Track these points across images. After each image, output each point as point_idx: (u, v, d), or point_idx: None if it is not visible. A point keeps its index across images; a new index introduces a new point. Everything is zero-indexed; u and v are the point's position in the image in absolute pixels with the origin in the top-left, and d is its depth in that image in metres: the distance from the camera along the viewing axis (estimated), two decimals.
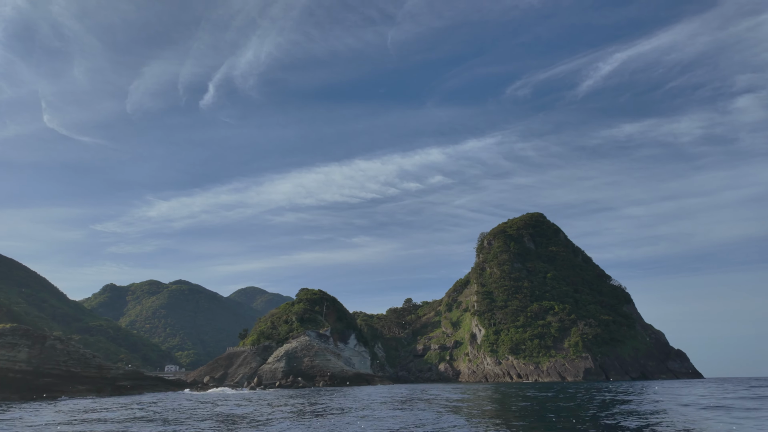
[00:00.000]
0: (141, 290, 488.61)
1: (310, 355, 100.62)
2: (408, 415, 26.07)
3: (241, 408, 33.60)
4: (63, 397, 55.18)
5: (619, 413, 29.29)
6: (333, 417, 25.48)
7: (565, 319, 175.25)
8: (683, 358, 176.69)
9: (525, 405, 36.45)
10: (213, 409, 31.97)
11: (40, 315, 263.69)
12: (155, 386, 57.45)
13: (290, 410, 31.30)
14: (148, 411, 32.90)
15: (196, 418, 27.34)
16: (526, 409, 32.09)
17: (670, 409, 31.41)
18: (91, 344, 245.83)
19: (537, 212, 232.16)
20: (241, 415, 29.27)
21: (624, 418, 26.31)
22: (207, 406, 35.25)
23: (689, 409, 32.03)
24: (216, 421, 25.77)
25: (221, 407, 34.49)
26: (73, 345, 70.36)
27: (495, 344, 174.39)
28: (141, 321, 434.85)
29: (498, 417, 25.15)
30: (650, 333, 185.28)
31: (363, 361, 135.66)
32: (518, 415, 27.08)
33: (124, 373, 66.49)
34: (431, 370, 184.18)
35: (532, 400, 36.10)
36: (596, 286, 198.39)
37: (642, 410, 30.34)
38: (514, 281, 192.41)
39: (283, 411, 31.35)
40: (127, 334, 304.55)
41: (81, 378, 57.78)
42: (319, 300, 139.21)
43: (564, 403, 36.64)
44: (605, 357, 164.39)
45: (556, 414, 28.07)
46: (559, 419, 25.41)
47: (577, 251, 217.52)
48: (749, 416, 27.88)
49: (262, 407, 33.71)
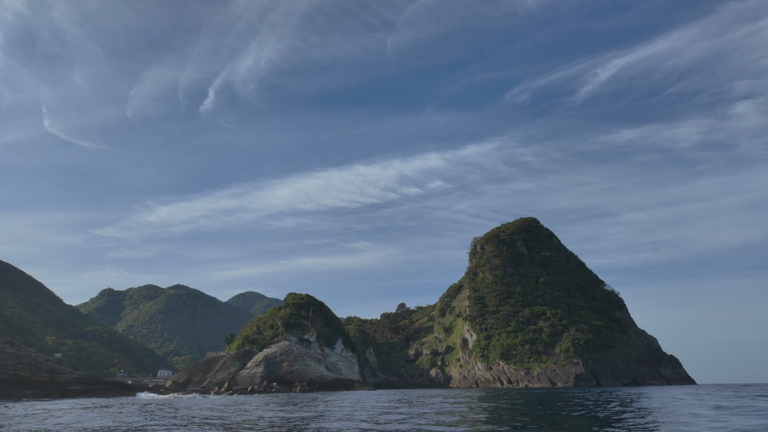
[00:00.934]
0: (139, 295, 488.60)
1: (289, 360, 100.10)
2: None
3: (139, 417, 30.09)
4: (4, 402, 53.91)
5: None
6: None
7: (556, 324, 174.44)
8: (676, 364, 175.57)
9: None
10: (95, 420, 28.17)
11: (34, 320, 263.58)
12: (108, 390, 56.80)
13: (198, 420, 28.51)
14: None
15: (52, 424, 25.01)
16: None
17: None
18: (84, 349, 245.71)
19: (530, 217, 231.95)
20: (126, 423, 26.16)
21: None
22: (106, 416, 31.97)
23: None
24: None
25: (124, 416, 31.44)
26: (24, 349, 69.91)
27: (486, 349, 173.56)
28: (138, 326, 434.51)
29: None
30: (643, 339, 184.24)
31: (350, 366, 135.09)
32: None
33: (77, 377, 66.08)
34: (422, 375, 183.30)
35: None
36: (589, 291, 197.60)
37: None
38: (506, 286, 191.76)
39: (183, 419, 28.85)
40: (122, 339, 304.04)
41: (29, 382, 57.35)
42: (305, 305, 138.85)
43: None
44: (596, 363, 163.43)
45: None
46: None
47: (571, 256, 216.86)
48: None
49: (167, 417, 30.56)
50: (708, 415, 28.82)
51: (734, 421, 25.02)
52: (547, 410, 36.20)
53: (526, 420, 28.37)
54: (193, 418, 28.96)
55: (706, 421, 25.38)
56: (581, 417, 29.99)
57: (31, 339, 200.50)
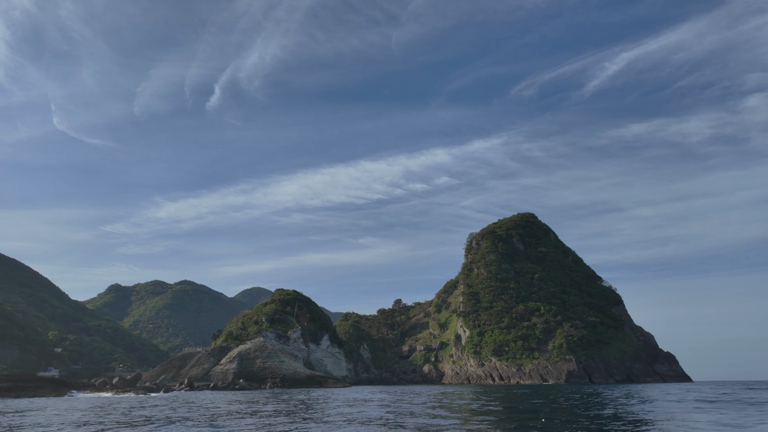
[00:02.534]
0: (146, 290, 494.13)
1: (262, 356, 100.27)
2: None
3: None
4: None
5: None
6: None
7: (550, 320, 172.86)
8: (671, 361, 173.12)
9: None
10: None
11: (38, 315, 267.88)
12: (39, 389, 56.63)
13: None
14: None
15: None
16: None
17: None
18: (86, 344, 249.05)
19: (528, 212, 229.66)
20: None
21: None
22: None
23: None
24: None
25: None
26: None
27: (479, 346, 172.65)
28: (144, 321, 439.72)
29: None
30: (639, 335, 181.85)
31: (337, 362, 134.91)
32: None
33: (8, 374, 66.25)
34: (415, 371, 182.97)
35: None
36: (585, 288, 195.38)
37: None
38: (500, 282, 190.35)
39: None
40: (125, 334, 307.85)
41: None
42: (291, 300, 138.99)
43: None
44: (590, 359, 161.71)
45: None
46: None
47: (568, 252, 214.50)
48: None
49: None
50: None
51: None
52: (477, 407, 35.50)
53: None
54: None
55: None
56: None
57: (31, 334, 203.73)
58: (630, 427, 22.62)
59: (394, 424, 24.06)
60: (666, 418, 26.27)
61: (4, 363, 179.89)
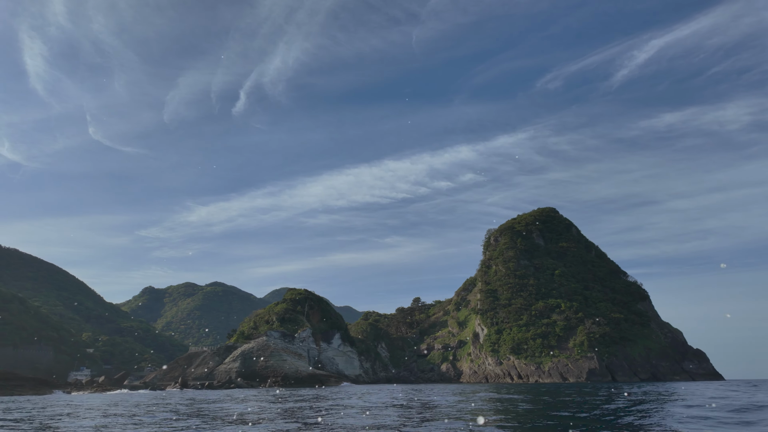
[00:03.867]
0: (178, 292, 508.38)
1: (265, 355, 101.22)
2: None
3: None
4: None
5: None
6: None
7: (571, 317, 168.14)
8: (701, 359, 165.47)
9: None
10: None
11: (74, 317, 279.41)
12: (18, 387, 58.43)
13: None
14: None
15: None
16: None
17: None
18: (117, 344, 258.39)
19: (548, 207, 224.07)
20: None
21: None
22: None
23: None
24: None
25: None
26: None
27: (497, 344, 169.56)
28: (177, 322, 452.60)
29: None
30: (666, 332, 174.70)
31: (349, 361, 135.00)
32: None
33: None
34: (433, 370, 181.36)
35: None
36: (609, 283, 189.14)
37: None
38: (519, 279, 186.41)
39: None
40: (156, 335, 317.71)
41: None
42: (302, 300, 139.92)
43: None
44: (613, 357, 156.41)
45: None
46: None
47: (591, 246, 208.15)
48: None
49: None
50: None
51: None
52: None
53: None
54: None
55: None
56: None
57: (65, 335, 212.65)
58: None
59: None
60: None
61: (39, 363, 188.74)
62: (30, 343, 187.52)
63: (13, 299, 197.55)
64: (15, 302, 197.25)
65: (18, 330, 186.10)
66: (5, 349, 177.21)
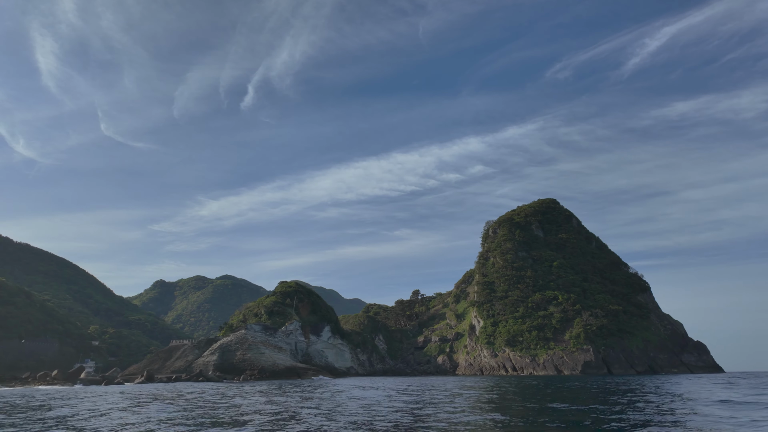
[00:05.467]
0: (188, 286, 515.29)
1: (243, 348, 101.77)
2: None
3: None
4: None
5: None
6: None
7: (568, 309, 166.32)
8: (701, 351, 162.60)
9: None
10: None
11: (83, 310, 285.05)
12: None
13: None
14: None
15: None
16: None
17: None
18: (124, 337, 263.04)
19: (549, 198, 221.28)
20: None
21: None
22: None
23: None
24: None
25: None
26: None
27: (492, 336, 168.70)
28: (186, 315, 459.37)
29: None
30: (666, 324, 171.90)
31: (339, 354, 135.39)
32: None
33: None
34: (429, 362, 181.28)
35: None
36: (609, 275, 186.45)
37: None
38: (516, 270, 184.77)
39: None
40: (164, 328, 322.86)
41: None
42: (292, 293, 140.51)
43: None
44: (609, 349, 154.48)
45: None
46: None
47: (591, 238, 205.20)
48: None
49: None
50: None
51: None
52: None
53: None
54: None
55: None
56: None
57: (70, 328, 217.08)
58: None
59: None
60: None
61: (44, 356, 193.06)
62: (35, 336, 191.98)
63: (18, 292, 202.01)
64: (21, 295, 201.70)
65: (23, 323, 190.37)
66: (11, 341, 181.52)
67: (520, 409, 28.94)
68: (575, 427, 20.43)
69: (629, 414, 25.21)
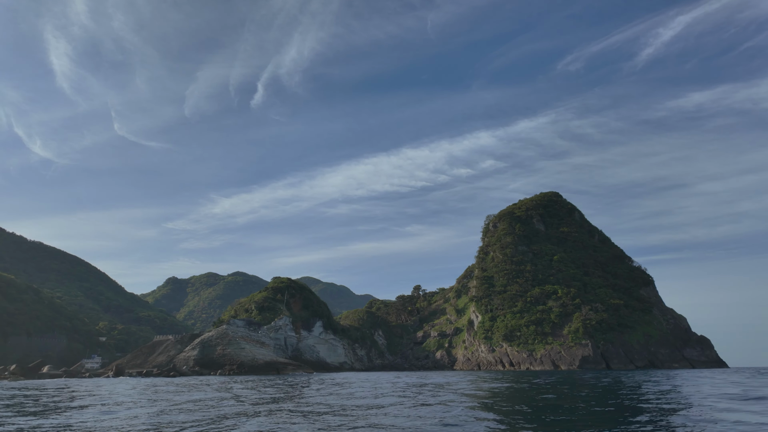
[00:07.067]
0: (200, 282, 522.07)
1: (223, 343, 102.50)
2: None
3: None
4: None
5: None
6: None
7: (568, 303, 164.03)
8: (705, 346, 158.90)
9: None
10: None
11: (94, 307, 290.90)
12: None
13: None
14: None
15: None
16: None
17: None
18: (133, 333, 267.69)
19: (551, 191, 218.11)
20: None
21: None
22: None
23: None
24: None
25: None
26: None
27: (490, 331, 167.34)
28: (198, 311, 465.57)
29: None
30: (669, 318, 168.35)
31: (332, 349, 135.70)
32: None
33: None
34: (428, 357, 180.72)
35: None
36: (611, 269, 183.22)
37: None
38: (515, 265, 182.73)
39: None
40: (174, 324, 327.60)
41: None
42: (283, 288, 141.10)
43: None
44: (608, 344, 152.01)
45: None
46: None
47: (594, 231, 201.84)
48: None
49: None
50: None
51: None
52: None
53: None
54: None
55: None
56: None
57: (78, 324, 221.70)
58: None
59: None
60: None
61: (52, 351, 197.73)
62: (43, 332, 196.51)
63: (27, 290, 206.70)
64: (29, 293, 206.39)
65: (32, 319, 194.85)
66: (19, 337, 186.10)
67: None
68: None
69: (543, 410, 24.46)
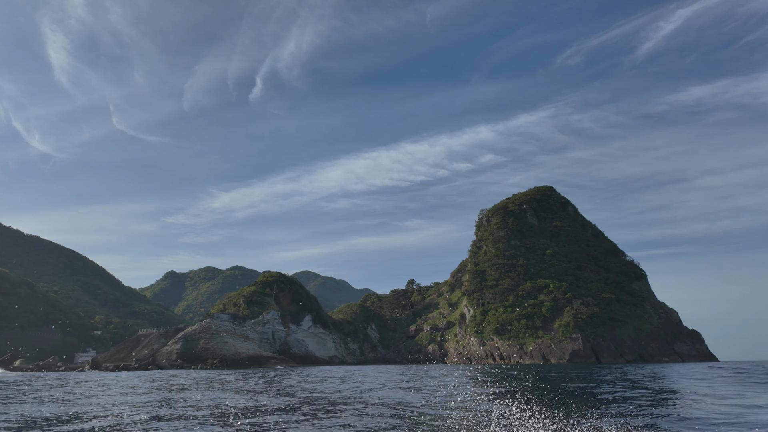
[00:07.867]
0: (199, 276, 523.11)
1: (206, 337, 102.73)
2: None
3: None
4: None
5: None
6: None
7: (559, 297, 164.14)
8: (695, 340, 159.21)
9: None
10: None
11: (90, 301, 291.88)
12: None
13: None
14: None
15: None
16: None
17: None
18: (128, 327, 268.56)
19: (545, 185, 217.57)
20: None
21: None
22: None
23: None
24: None
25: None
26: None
27: (481, 324, 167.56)
28: (196, 305, 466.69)
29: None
30: (661, 312, 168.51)
31: (321, 343, 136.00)
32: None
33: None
34: (420, 351, 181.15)
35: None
36: (603, 263, 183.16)
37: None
38: (508, 259, 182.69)
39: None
40: (171, 318, 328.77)
41: None
42: (272, 282, 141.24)
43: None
44: (599, 338, 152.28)
45: None
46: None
47: (587, 225, 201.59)
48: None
49: None
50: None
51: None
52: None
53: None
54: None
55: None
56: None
57: (73, 318, 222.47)
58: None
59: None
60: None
61: (47, 345, 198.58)
62: (38, 326, 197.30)
63: (21, 284, 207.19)
64: (23, 286, 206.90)
65: (25, 313, 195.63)
66: (13, 331, 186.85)
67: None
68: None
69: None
